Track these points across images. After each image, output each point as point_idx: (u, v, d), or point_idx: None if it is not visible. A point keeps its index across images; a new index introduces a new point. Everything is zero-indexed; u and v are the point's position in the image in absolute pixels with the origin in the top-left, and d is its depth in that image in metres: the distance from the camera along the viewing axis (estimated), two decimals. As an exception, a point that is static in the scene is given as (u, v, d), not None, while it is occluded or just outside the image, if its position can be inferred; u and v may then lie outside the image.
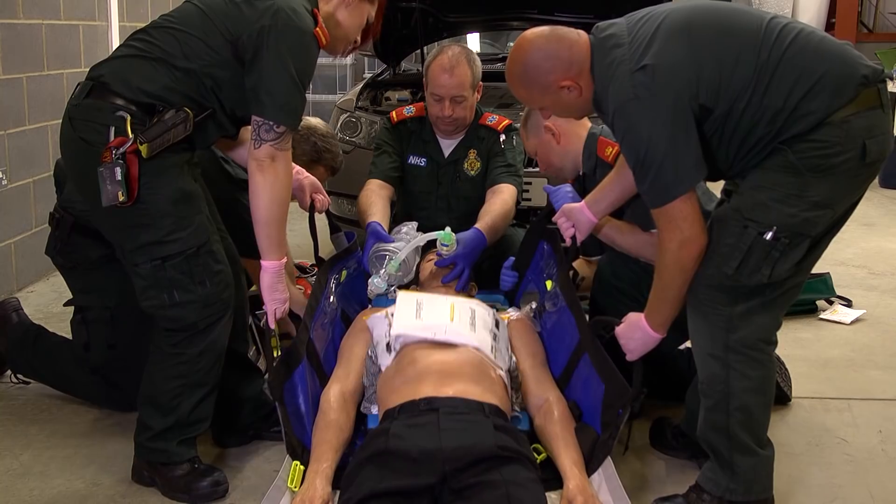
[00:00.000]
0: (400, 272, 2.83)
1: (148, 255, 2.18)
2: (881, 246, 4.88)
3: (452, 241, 2.85)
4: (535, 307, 2.72)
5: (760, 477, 2.12)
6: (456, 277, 2.84)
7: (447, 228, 2.88)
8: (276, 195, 2.24)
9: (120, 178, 2.07)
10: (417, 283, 2.95)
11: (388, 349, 2.37)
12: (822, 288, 3.78)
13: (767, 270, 1.96)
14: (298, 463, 2.12)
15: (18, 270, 3.93)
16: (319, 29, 2.26)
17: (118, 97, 2.15)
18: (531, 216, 3.52)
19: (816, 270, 3.07)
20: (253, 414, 2.55)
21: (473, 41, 6.04)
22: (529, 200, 3.75)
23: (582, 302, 2.61)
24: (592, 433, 2.20)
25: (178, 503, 2.27)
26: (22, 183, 3.93)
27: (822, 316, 3.67)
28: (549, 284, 2.72)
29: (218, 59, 2.20)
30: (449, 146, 3.34)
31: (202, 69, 2.19)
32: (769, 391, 2.13)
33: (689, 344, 2.23)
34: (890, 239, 5.05)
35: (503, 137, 3.29)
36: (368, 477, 1.93)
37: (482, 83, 3.26)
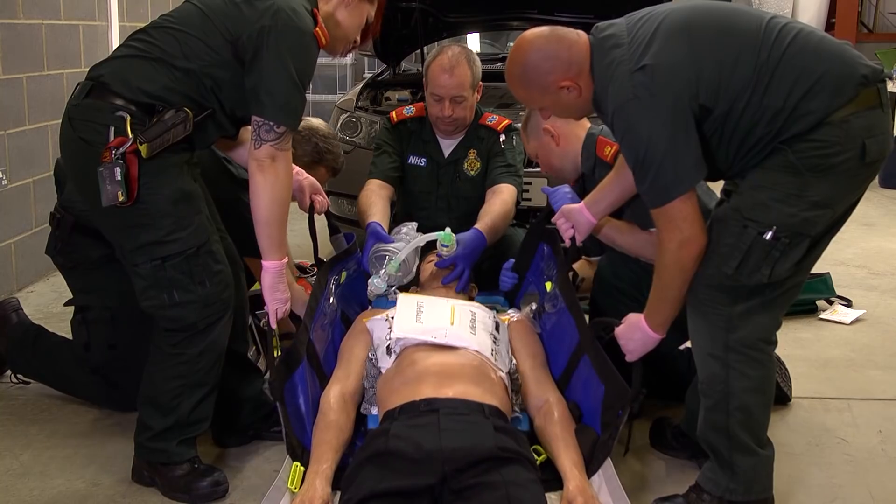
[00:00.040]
0: (400, 272, 2.83)
1: (148, 255, 2.18)
2: (881, 246, 4.88)
3: (452, 241, 2.85)
4: (535, 308, 2.72)
5: (760, 477, 2.12)
6: (456, 278, 2.84)
7: (447, 229, 2.88)
8: (276, 195, 2.24)
9: (119, 178, 2.07)
10: (418, 283, 2.95)
11: (388, 352, 2.38)
12: (822, 288, 3.78)
13: (767, 270, 1.96)
14: (298, 464, 2.12)
15: (18, 270, 3.93)
16: (319, 29, 2.26)
17: (118, 97, 2.15)
18: (531, 216, 3.52)
19: (816, 270, 3.07)
20: (253, 414, 2.55)
21: (473, 41, 6.04)
22: (529, 200, 3.75)
23: (581, 303, 2.61)
24: (592, 434, 2.20)
25: (178, 503, 2.27)
26: (22, 183, 3.93)
27: (822, 316, 3.67)
28: (548, 286, 2.72)
29: (218, 59, 2.20)
30: (449, 146, 3.34)
31: (202, 69, 2.19)
32: (769, 391, 2.12)
33: (689, 344, 2.23)
34: (890, 239, 5.05)
35: (503, 137, 3.28)
36: (368, 477, 1.93)
37: (482, 83, 3.26)
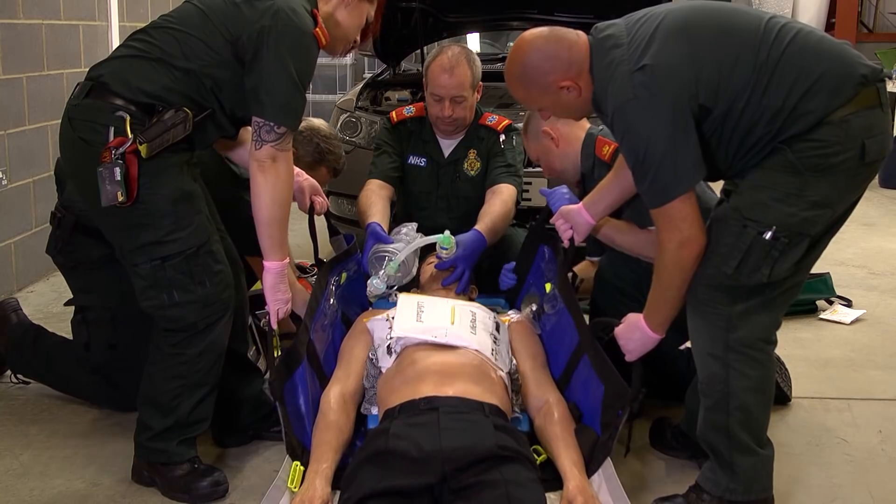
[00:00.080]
0: (399, 273, 2.83)
1: (147, 255, 2.18)
2: (881, 246, 4.88)
3: (452, 244, 2.85)
4: (535, 310, 2.72)
5: (760, 476, 2.12)
6: (456, 280, 2.84)
7: (446, 232, 2.88)
8: (277, 195, 2.24)
9: (119, 178, 2.07)
10: (418, 285, 2.95)
11: (388, 352, 2.38)
12: (822, 288, 3.78)
13: (767, 270, 1.96)
14: (298, 463, 2.12)
15: (18, 270, 3.93)
16: (319, 29, 2.26)
17: (117, 97, 2.15)
18: (531, 216, 3.52)
19: (816, 270, 3.07)
20: (253, 414, 2.55)
21: (473, 41, 6.04)
22: (529, 201, 3.75)
23: (581, 303, 2.61)
24: (592, 434, 2.20)
25: (178, 503, 2.27)
26: (22, 183, 3.93)
27: (822, 316, 3.67)
28: (547, 287, 2.72)
29: (218, 59, 2.20)
30: (449, 146, 3.34)
31: (202, 69, 2.19)
32: (769, 391, 2.12)
33: (689, 344, 2.23)
34: (890, 239, 5.04)
35: (503, 137, 3.28)
36: (368, 476, 1.93)
37: (482, 83, 3.26)
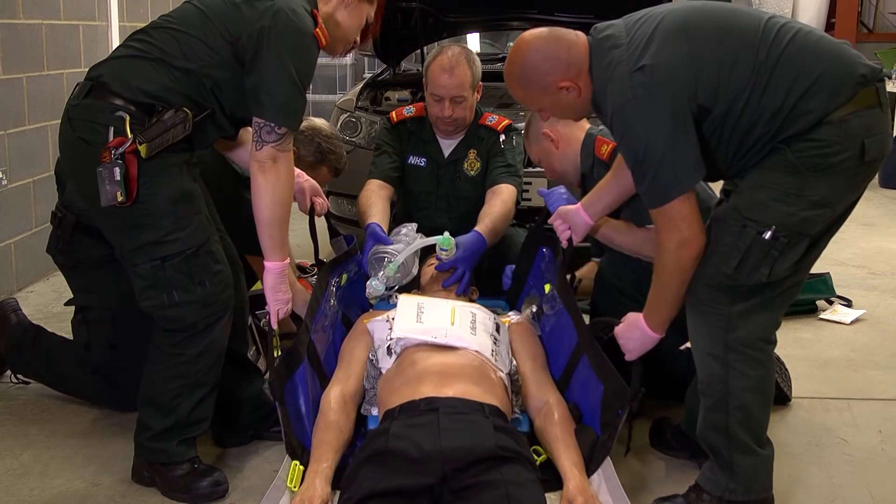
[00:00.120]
0: (398, 274, 2.83)
1: (147, 255, 2.18)
2: (881, 246, 4.87)
3: (451, 245, 2.85)
4: (535, 311, 2.72)
5: (760, 476, 2.12)
6: (457, 281, 2.84)
7: (446, 233, 2.88)
8: (277, 196, 2.24)
9: (119, 178, 2.07)
10: (418, 286, 2.95)
11: (388, 352, 2.38)
12: (822, 288, 3.78)
13: (766, 269, 1.96)
14: (298, 463, 2.12)
15: (18, 270, 3.93)
16: (319, 30, 2.26)
17: (117, 97, 2.15)
18: (531, 217, 3.52)
19: (816, 270, 3.07)
20: (253, 414, 2.55)
21: (473, 41, 6.04)
22: (529, 201, 3.75)
23: (581, 302, 2.61)
24: (592, 434, 2.20)
25: (178, 503, 2.27)
26: (22, 183, 3.93)
27: (822, 316, 3.67)
28: (546, 288, 2.72)
29: (218, 59, 2.20)
30: (449, 146, 3.34)
31: (202, 70, 2.19)
32: (769, 390, 2.12)
33: (689, 345, 2.23)
34: (890, 239, 5.04)
35: (503, 137, 3.28)
36: (368, 476, 1.93)
37: (482, 83, 3.26)
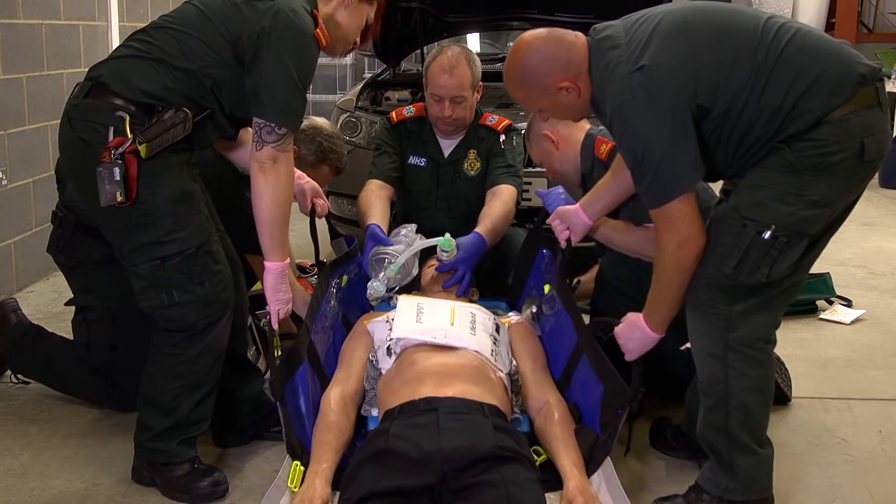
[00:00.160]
0: (399, 275, 2.83)
1: (147, 255, 2.18)
2: (881, 246, 4.87)
3: (452, 246, 2.85)
4: (535, 311, 2.72)
5: (760, 476, 2.12)
6: (457, 282, 2.83)
7: (447, 234, 2.88)
8: (278, 196, 2.24)
9: (118, 178, 2.07)
10: (418, 287, 2.95)
11: (388, 353, 2.38)
12: (822, 288, 3.78)
13: (766, 269, 1.96)
14: (298, 463, 2.12)
15: (18, 270, 3.93)
16: (319, 30, 2.26)
17: (117, 97, 2.15)
18: (532, 217, 3.52)
19: (816, 270, 3.07)
20: (253, 414, 2.55)
21: (473, 41, 6.04)
22: (529, 201, 3.75)
23: (580, 302, 2.61)
24: (592, 434, 2.20)
25: (178, 503, 2.27)
26: (22, 183, 3.93)
27: (822, 316, 3.67)
28: (546, 288, 2.72)
29: (218, 59, 2.20)
30: (449, 146, 3.34)
31: (202, 70, 2.19)
32: (768, 390, 2.12)
33: (689, 345, 2.23)
34: (890, 239, 5.04)
35: (503, 138, 3.28)
36: (368, 476, 1.93)
37: (482, 83, 3.26)
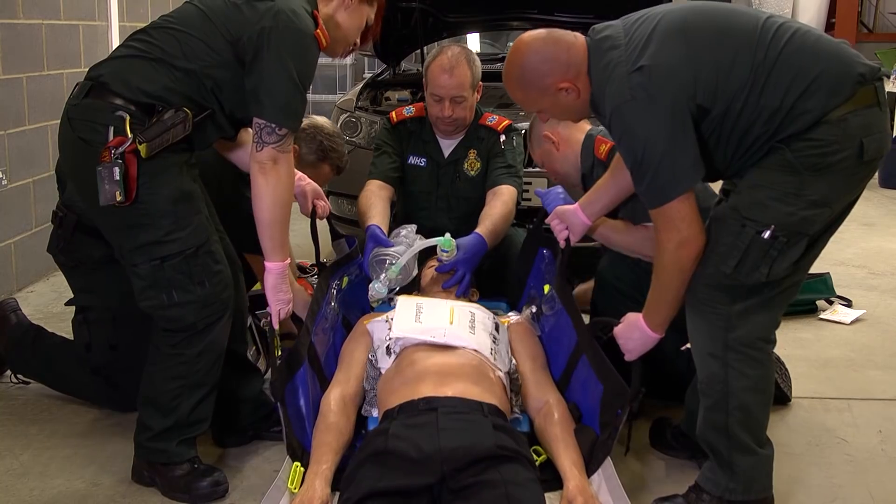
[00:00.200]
0: (400, 276, 2.83)
1: (147, 254, 2.18)
2: (881, 246, 4.87)
3: (452, 246, 2.85)
4: (534, 311, 2.72)
5: (760, 476, 2.12)
6: (457, 283, 2.83)
7: (447, 234, 2.88)
8: (278, 197, 2.24)
9: (118, 177, 2.07)
10: (419, 288, 2.94)
11: (388, 352, 2.38)
12: (821, 288, 3.78)
13: (766, 269, 1.96)
14: (298, 464, 2.12)
15: (18, 270, 3.93)
16: (320, 31, 2.26)
17: (117, 97, 2.14)
18: (531, 217, 3.52)
19: (816, 270, 3.07)
20: (253, 414, 2.55)
21: (473, 41, 6.03)
22: (529, 201, 3.75)
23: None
24: (592, 434, 2.20)
25: (178, 503, 2.27)
26: (22, 183, 3.93)
27: (822, 316, 3.67)
28: (546, 288, 2.72)
29: (219, 59, 2.20)
30: (449, 146, 3.34)
31: (202, 70, 2.19)
32: (768, 390, 2.12)
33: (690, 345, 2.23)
34: (890, 239, 5.04)
35: (503, 138, 3.28)
36: (367, 476, 1.93)
37: (482, 83, 3.26)
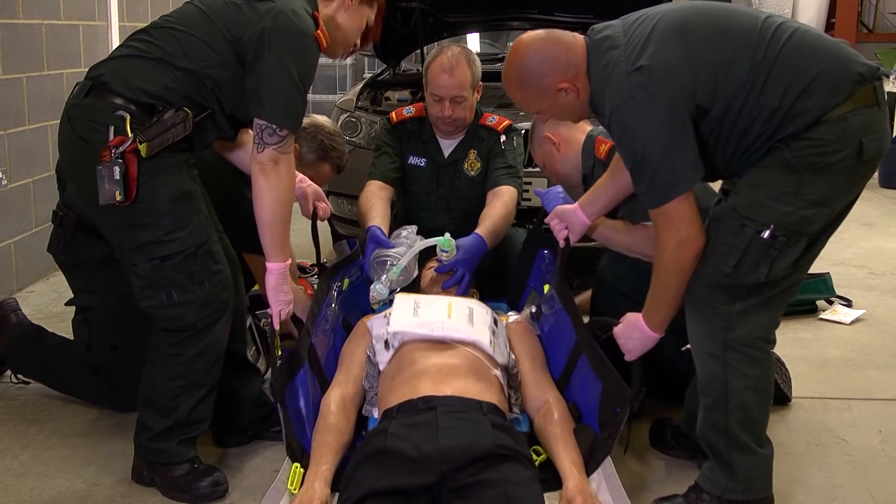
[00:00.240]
0: (401, 277, 2.83)
1: (146, 254, 2.18)
2: (881, 246, 4.87)
3: (452, 246, 2.85)
4: (534, 311, 2.72)
5: (759, 476, 2.12)
6: (456, 283, 2.83)
7: (447, 234, 2.88)
8: (279, 198, 2.24)
9: (118, 177, 2.07)
10: (419, 288, 2.94)
11: (386, 346, 2.37)
12: (821, 288, 3.77)
13: (765, 269, 1.96)
14: (298, 465, 2.12)
15: (18, 270, 3.93)
16: (320, 31, 2.26)
17: (118, 97, 2.15)
18: (531, 217, 3.52)
19: (816, 270, 3.07)
20: (252, 414, 2.55)
21: (473, 41, 6.03)
22: (529, 201, 3.75)
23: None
24: (591, 433, 2.20)
25: (178, 503, 2.27)
26: (22, 183, 3.93)
27: (822, 316, 3.67)
28: (546, 288, 2.72)
29: (219, 60, 2.20)
30: (449, 146, 3.33)
31: (203, 70, 2.19)
32: (768, 390, 2.12)
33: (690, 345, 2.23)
34: (890, 239, 5.04)
35: (503, 138, 3.28)
36: (367, 476, 1.93)
37: (482, 83, 3.26)
